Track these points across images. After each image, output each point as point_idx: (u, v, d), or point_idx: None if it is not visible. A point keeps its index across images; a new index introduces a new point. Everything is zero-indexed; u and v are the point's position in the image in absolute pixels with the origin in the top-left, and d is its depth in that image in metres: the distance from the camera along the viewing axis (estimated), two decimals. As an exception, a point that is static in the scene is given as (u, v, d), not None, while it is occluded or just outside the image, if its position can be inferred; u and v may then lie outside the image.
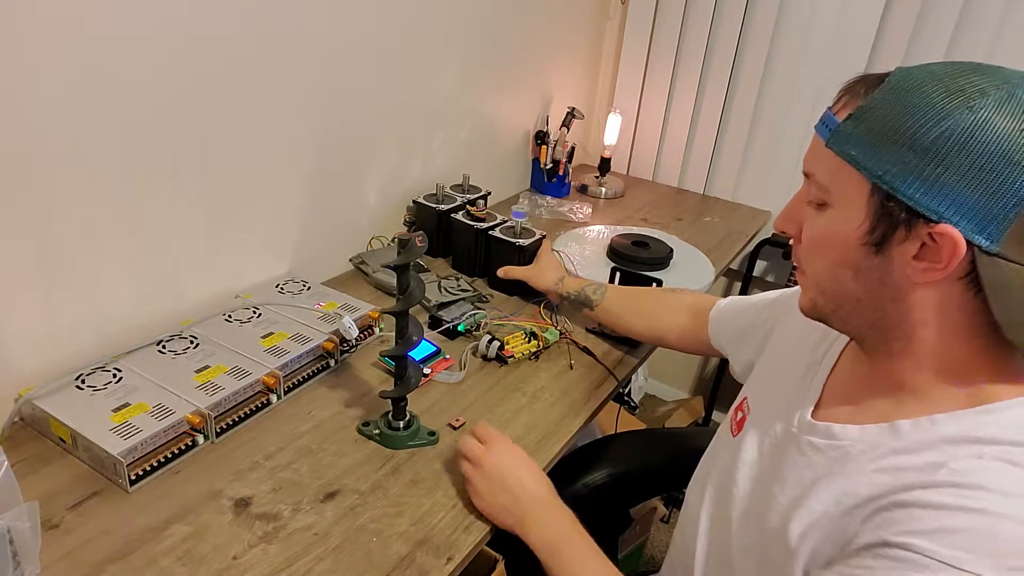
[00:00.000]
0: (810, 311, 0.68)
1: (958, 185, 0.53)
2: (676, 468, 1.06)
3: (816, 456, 0.66)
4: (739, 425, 0.81)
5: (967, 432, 0.57)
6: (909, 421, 0.60)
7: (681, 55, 1.88)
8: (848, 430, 0.65)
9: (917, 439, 0.59)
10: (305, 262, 1.28)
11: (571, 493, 1.12)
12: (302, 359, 1.02)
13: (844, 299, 0.64)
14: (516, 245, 1.29)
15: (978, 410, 0.58)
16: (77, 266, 0.93)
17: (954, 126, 0.53)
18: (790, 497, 0.66)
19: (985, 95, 0.53)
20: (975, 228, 0.54)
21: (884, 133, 0.56)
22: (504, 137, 1.76)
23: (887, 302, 0.61)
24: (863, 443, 0.63)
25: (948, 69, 0.56)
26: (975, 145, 0.53)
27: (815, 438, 0.67)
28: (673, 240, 1.53)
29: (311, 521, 0.81)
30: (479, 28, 1.52)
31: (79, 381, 0.91)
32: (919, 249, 0.56)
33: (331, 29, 1.17)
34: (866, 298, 0.62)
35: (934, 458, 0.57)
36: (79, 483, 0.83)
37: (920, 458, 0.58)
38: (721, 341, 1.01)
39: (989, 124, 0.52)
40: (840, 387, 0.71)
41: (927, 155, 0.54)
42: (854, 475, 0.61)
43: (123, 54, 0.89)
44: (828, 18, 1.67)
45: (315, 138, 1.22)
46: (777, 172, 1.86)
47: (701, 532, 0.81)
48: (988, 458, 0.55)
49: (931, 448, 0.58)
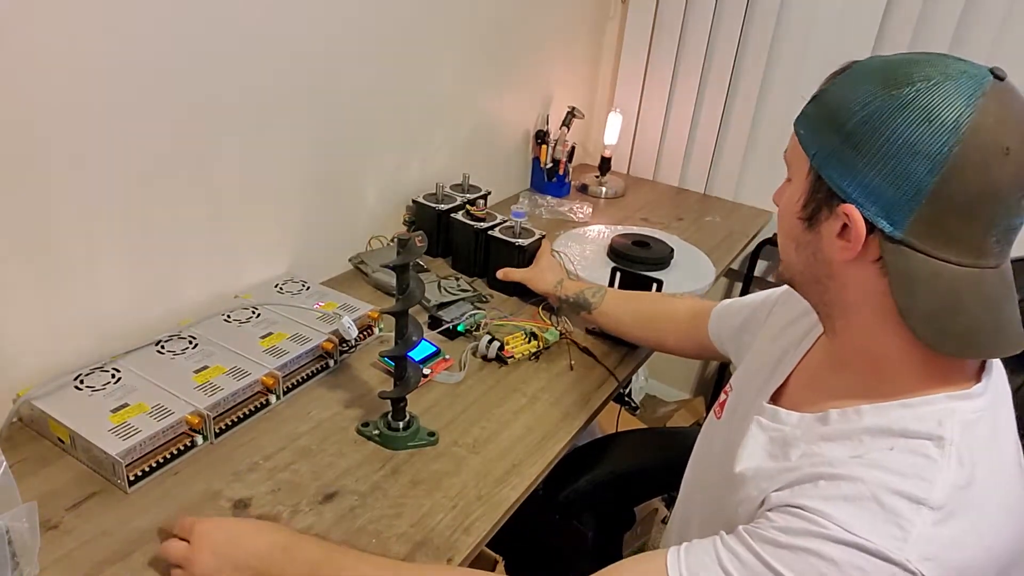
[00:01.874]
0: (782, 276, 0.72)
1: (866, 169, 0.56)
2: (677, 468, 1.06)
3: (762, 435, 0.69)
4: (721, 406, 0.84)
5: (886, 424, 0.59)
6: (837, 411, 0.63)
7: (682, 54, 1.88)
8: (791, 416, 0.68)
9: (840, 428, 0.62)
10: (304, 262, 1.27)
11: (574, 490, 1.13)
12: (301, 359, 1.02)
13: (794, 272, 0.68)
14: (516, 245, 1.29)
15: (900, 403, 0.60)
16: (76, 266, 0.93)
17: (872, 112, 0.55)
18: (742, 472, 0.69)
19: (911, 84, 0.54)
20: (878, 212, 0.56)
21: (824, 115, 0.60)
22: (504, 137, 1.75)
23: (824, 278, 0.64)
24: (799, 429, 0.66)
25: (902, 59, 0.58)
26: (884, 131, 0.55)
27: (764, 419, 0.70)
28: (674, 240, 1.53)
29: (310, 522, 0.81)
30: (479, 27, 1.51)
31: (78, 381, 0.91)
32: (841, 228, 0.59)
33: (331, 29, 1.16)
34: (807, 271, 0.65)
35: (850, 449, 0.59)
36: (78, 484, 0.83)
37: (839, 447, 0.60)
38: (722, 338, 1.01)
39: (902, 112, 0.54)
40: (807, 370, 0.74)
41: (848, 138, 0.57)
42: (782, 460, 0.64)
43: (123, 54, 0.89)
44: (829, 17, 1.67)
45: (314, 137, 1.21)
46: (778, 172, 1.83)
47: (679, 516, 0.85)
48: (899, 450, 0.57)
49: (851, 438, 0.60)
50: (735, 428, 0.76)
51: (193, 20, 0.95)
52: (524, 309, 1.28)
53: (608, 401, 1.09)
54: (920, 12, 1.56)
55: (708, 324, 1.03)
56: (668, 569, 0.59)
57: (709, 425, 0.88)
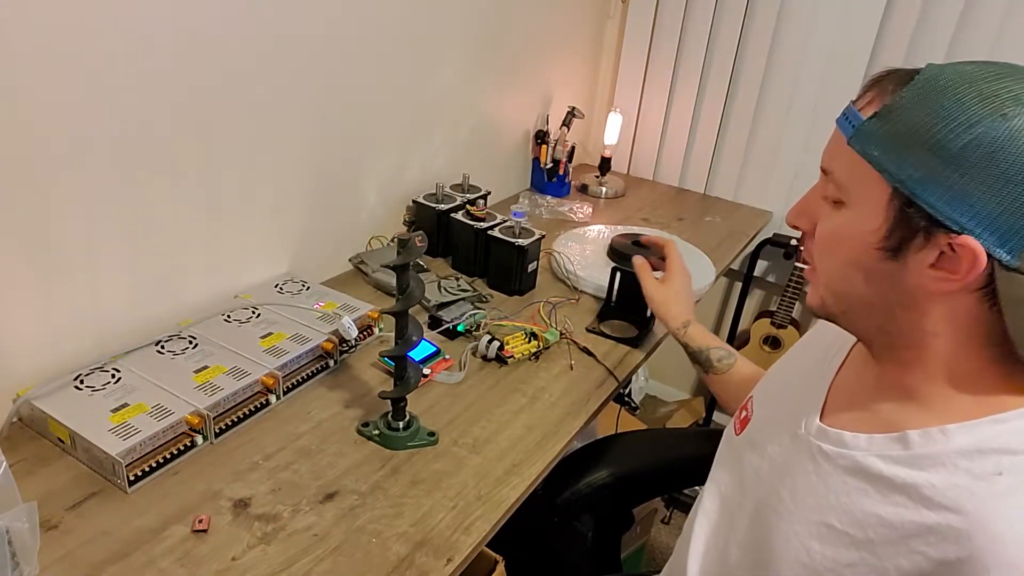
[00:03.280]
0: (819, 309, 0.66)
1: (983, 197, 0.51)
2: (677, 469, 1.06)
3: (826, 464, 0.64)
4: (742, 423, 0.80)
5: (980, 443, 0.55)
6: (917, 432, 0.58)
7: (682, 54, 1.88)
8: (858, 439, 0.63)
9: (928, 451, 0.57)
10: (304, 262, 1.27)
11: (573, 492, 1.12)
12: (301, 359, 1.02)
13: (854, 301, 0.62)
14: (516, 245, 1.29)
15: (990, 419, 0.56)
16: (76, 266, 0.93)
17: (985, 134, 0.51)
18: (803, 506, 0.65)
19: (1020, 103, 0.50)
20: (997, 242, 0.52)
21: (909, 135, 0.54)
22: (504, 137, 1.75)
23: (898, 308, 0.59)
24: (872, 451, 0.61)
25: (983, 71, 0.53)
26: (1005, 156, 0.50)
27: (826, 444, 0.65)
28: (674, 240, 1.53)
29: (310, 522, 0.81)
30: (479, 27, 1.51)
31: (78, 381, 0.91)
32: (937, 258, 0.54)
33: (331, 28, 1.16)
34: (877, 303, 0.60)
35: (952, 479, 0.55)
36: (78, 484, 0.83)
37: (937, 476, 0.55)
38: None
39: (1022, 135, 0.50)
40: (846, 389, 0.70)
41: (953, 162, 0.52)
42: (876, 495, 0.59)
43: (123, 54, 0.89)
44: (829, 17, 1.67)
45: (314, 137, 1.21)
46: (778, 172, 1.86)
47: (697, 531, 0.80)
48: (1008, 473, 0.53)
49: (943, 464, 0.56)
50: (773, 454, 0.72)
51: (193, 20, 0.95)
52: (524, 309, 1.28)
53: (608, 401, 1.09)
54: (920, 12, 1.56)
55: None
56: None
57: (727, 443, 0.83)
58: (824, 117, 1.74)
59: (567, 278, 1.38)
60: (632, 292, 1.27)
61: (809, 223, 0.64)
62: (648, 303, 1.13)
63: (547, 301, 1.30)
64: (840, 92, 1.69)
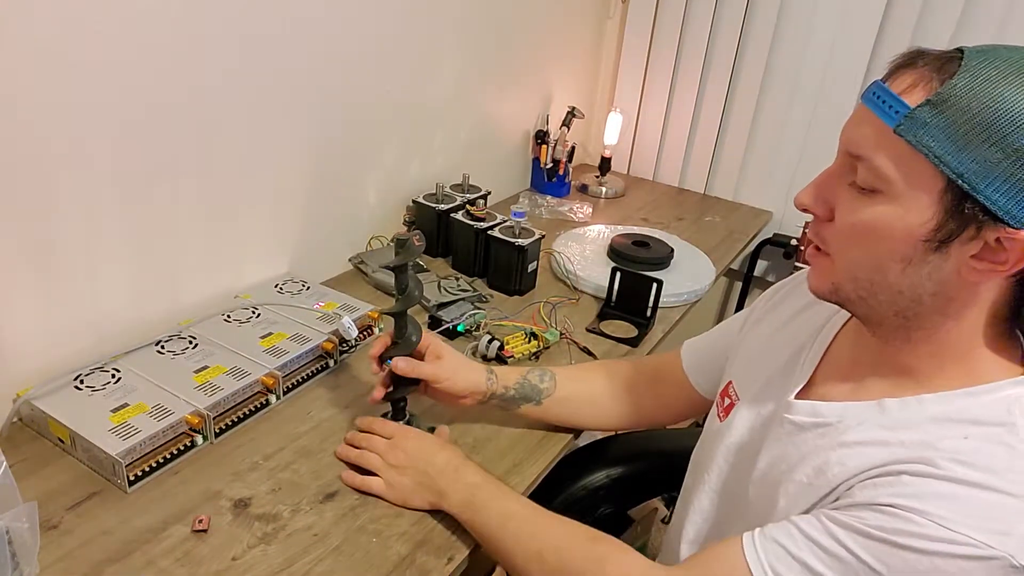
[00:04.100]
0: (829, 294, 0.65)
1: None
2: (675, 469, 1.06)
3: (801, 434, 0.66)
4: (726, 411, 0.81)
5: (953, 413, 0.58)
6: (896, 400, 0.61)
7: (682, 54, 1.88)
8: (832, 407, 0.65)
9: (902, 417, 0.60)
10: (304, 262, 1.27)
11: (570, 495, 1.12)
12: (301, 359, 1.02)
13: (881, 289, 0.60)
14: (516, 245, 1.29)
15: (965, 392, 0.59)
16: (76, 266, 0.93)
17: None
18: (776, 471, 0.67)
19: None
20: None
21: (970, 128, 0.52)
22: (504, 137, 1.75)
23: (927, 295, 0.58)
24: (848, 418, 0.63)
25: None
26: None
27: (798, 416, 0.67)
28: (674, 240, 1.53)
29: (311, 522, 0.81)
30: (479, 27, 1.51)
31: (78, 381, 0.91)
32: (980, 248, 0.54)
33: (331, 29, 1.16)
34: (907, 291, 0.59)
35: (921, 437, 0.57)
36: (78, 484, 0.83)
37: (906, 435, 0.58)
38: (703, 368, 0.94)
39: None
40: (837, 367, 0.70)
41: (1017, 155, 0.51)
42: (839, 448, 0.61)
43: (123, 54, 0.89)
44: (829, 17, 1.67)
45: (314, 137, 1.21)
46: (778, 172, 1.86)
47: (689, 512, 0.82)
48: (974, 439, 0.56)
49: (916, 427, 0.58)
50: (753, 428, 0.75)
51: (194, 20, 0.95)
52: (524, 309, 1.28)
53: (608, 401, 1.09)
54: (920, 12, 1.56)
55: (682, 365, 0.95)
56: (745, 555, 0.60)
57: (711, 430, 0.84)
58: (824, 117, 1.74)
59: (567, 278, 1.38)
60: (632, 292, 1.27)
61: (826, 209, 0.62)
62: (434, 385, 0.90)
63: (547, 301, 1.30)
64: (840, 92, 1.69)
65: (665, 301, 1.29)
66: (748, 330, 0.87)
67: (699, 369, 0.94)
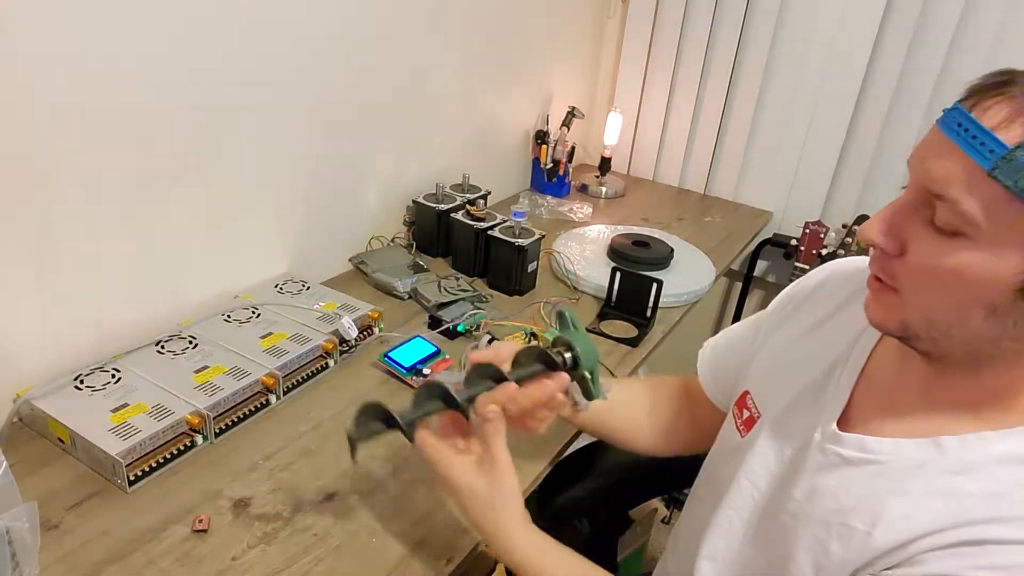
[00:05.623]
0: (896, 330, 0.59)
1: None
2: (675, 469, 1.05)
3: (849, 469, 0.61)
4: (747, 424, 0.76)
5: (1018, 451, 0.53)
6: (955, 437, 0.56)
7: (682, 54, 1.88)
8: (883, 444, 0.60)
9: (964, 458, 0.55)
10: (304, 262, 1.27)
11: (569, 496, 1.12)
12: (301, 359, 1.02)
13: (958, 332, 0.55)
14: (516, 245, 1.29)
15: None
16: (76, 266, 0.93)
17: None
18: (821, 507, 0.62)
19: None
20: None
21: None
22: (504, 137, 1.75)
23: (1008, 340, 0.54)
24: (902, 459, 0.58)
25: None
26: None
27: (846, 450, 0.62)
28: (674, 240, 1.53)
29: (310, 522, 0.81)
30: (479, 27, 1.51)
31: (78, 381, 0.91)
32: None
33: (331, 29, 1.16)
34: (988, 335, 0.54)
35: (989, 486, 0.53)
36: (78, 484, 0.83)
37: (974, 483, 0.54)
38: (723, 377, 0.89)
39: None
40: (878, 390, 0.65)
41: None
42: (900, 496, 0.56)
43: (123, 55, 0.89)
44: (829, 16, 1.67)
45: (315, 138, 1.21)
46: (778, 172, 1.86)
47: (706, 530, 0.76)
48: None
49: (981, 470, 0.54)
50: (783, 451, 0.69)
51: (194, 20, 0.95)
52: (524, 309, 1.28)
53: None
54: (920, 12, 1.56)
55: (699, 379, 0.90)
56: None
57: (730, 444, 0.78)
58: (824, 117, 1.74)
59: (567, 278, 1.38)
60: (632, 292, 1.27)
61: (897, 246, 0.56)
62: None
63: (547, 301, 1.30)
64: (840, 92, 1.69)
65: (665, 301, 1.29)
66: (765, 337, 0.82)
67: (714, 380, 0.89)
